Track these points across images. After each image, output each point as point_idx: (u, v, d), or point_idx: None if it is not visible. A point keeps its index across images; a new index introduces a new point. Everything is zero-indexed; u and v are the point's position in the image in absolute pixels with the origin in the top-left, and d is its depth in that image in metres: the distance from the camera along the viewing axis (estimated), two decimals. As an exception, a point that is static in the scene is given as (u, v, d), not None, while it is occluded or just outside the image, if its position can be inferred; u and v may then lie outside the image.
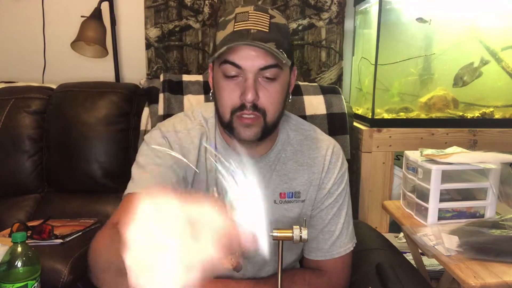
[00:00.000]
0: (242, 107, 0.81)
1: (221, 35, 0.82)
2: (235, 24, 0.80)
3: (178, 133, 0.92)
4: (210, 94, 0.90)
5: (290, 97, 0.91)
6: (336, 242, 0.96)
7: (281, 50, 0.78)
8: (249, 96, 0.79)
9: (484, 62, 1.69)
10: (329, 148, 0.97)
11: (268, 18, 0.81)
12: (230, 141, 0.92)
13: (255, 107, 0.81)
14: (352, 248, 0.99)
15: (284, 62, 0.78)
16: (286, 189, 0.93)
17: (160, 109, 1.50)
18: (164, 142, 0.90)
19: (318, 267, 0.97)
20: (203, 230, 0.41)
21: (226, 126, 0.85)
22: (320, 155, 0.95)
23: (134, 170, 0.89)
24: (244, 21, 0.80)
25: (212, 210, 0.44)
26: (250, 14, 0.80)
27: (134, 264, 0.37)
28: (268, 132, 0.86)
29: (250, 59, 0.78)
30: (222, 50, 0.77)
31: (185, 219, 0.40)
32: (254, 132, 0.83)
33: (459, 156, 1.25)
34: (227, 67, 0.80)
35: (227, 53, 0.79)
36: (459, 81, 1.69)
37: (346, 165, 0.99)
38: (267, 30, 0.79)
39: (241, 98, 0.81)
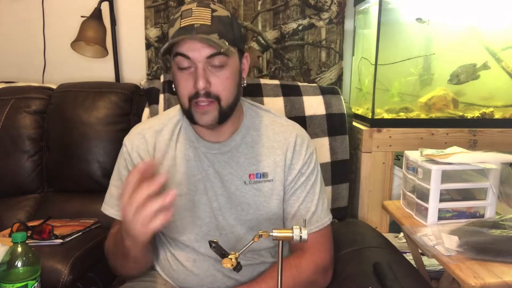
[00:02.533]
0: (197, 94, 0.89)
1: (171, 32, 0.89)
2: (181, 20, 0.88)
3: (138, 134, 1.03)
4: (173, 87, 0.97)
5: (245, 82, 0.99)
6: (312, 217, 1.02)
7: (223, 40, 0.86)
8: (200, 84, 0.87)
9: (485, 67, 1.69)
10: (293, 132, 1.04)
11: (210, 12, 0.89)
12: (196, 127, 0.99)
13: (208, 94, 0.89)
14: (329, 222, 1.04)
15: (223, 50, 0.85)
16: (254, 171, 1.00)
17: (160, 109, 1.50)
18: (125, 150, 1.02)
19: (300, 246, 1.01)
20: None
21: (187, 114, 0.94)
22: (284, 138, 1.03)
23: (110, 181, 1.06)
24: (188, 17, 0.87)
25: None
26: (193, 10, 0.88)
27: None
28: (226, 115, 0.93)
29: (197, 49, 0.86)
30: (166, 46, 0.87)
31: None
32: (212, 117, 0.91)
33: (459, 156, 1.25)
34: (179, 60, 0.88)
35: (177, 47, 0.88)
36: (454, 78, 1.70)
37: (313, 146, 1.07)
38: (209, 23, 0.87)
39: (194, 87, 0.88)
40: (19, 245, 0.82)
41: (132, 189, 0.75)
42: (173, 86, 0.96)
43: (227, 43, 0.87)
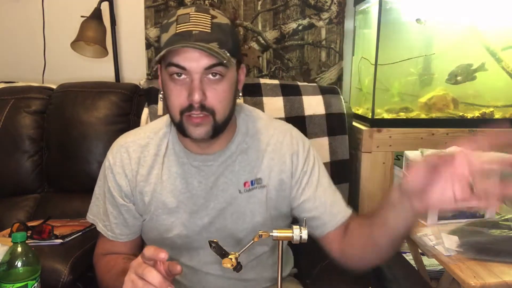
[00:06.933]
0: (190, 107, 0.82)
1: (164, 37, 0.83)
2: (177, 26, 0.81)
3: (122, 147, 0.97)
4: (159, 97, 0.91)
5: (240, 94, 0.92)
6: (332, 208, 0.97)
7: (224, 49, 0.80)
8: (196, 97, 0.80)
9: (482, 68, 1.70)
10: (286, 135, 0.99)
11: (210, 18, 0.82)
12: (186, 142, 0.94)
13: (203, 107, 0.82)
14: (350, 211, 0.99)
15: (225, 62, 0.79)
16: (249, 178, 0.95)
17: (160, 109, 1.50)
18: (107, 165, 0.97)
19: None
20: None
21: (178, 127, 0.87)
22: (277, 141, 0.98)
23: (94, 203, 1.04)
24: (185, 23, 0.81)
25: None
26: (191, 15, 0.81)
27: None
28: (219, 130, 0.87)
29: (194, 59, 0.80)
30: (162, 53, 0.79)
31: None
32: (205, 130, 0.85)
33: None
34: (172, 69, 0.82)
35: (171, 55, 0.80)
36: (453, 78, 1.70)
37: (308, 142, 1.02)
38: (209, 31, 0.81)
39: (188, 99, 0.82)
40: (19, 245, 0.81)
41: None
42: (160, 96, 0.90)
43: (227, 53, 0.81)
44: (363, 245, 0.90)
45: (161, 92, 0.90)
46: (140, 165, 0.95)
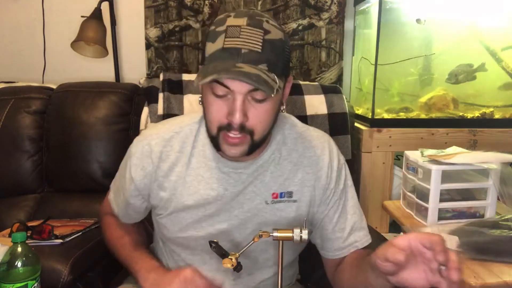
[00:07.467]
0: (229, 126, 0.78)
1: (210, 48, 0.77)
2: (226, 39, 0.75)
3: (145, 139, 0.93)
4: (199, 100, 0.86)
5: (284, 107, 0.88)
6: (349, 238, 0.93)
7: (273, 73, 0.75)
8: (237, 118, 0.76)
9: (482, 68, 1.70)
10: (324, 148, 0.94)
11: (262, 34, 0.75)
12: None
13: (242, 127, 0.78)
14: (370, 241, 0.94)
15: (272, 94, 0.74)
16: (278, 190, 0.91)
17: (160, 108, 1.50)
18: (128, 154, 0.95)
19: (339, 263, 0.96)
20: None
21: (212, 140, 0.84)
22: (315, 155, 0.93)
23: (116, 174, 1.03)
24: (235, 37, 0.75)
25: None
26: (242, 29, 0.75)
27: None
28: (256, 147, 0.83)
29: (239, 81, 0.74)
30: (206, 81, 0.73)
31: None
32: (241, 150, 0.81)
33: (461, 156, 1.25)
34: (215, 86, 0.77)
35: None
36: (452, 77, 1.70)
37: (342, 159, 0.97)
38: (259, 50, 0.75)
39: (228, 118, 0.77)
40: (19, 245, 0.81)
41: None
42: (199, 99, 0.85)
43: (276, 79, 0.75)
44: (349, 285, 0.89)
45: (200, 96, 0.85)
46: (161, 160, 0.91)
